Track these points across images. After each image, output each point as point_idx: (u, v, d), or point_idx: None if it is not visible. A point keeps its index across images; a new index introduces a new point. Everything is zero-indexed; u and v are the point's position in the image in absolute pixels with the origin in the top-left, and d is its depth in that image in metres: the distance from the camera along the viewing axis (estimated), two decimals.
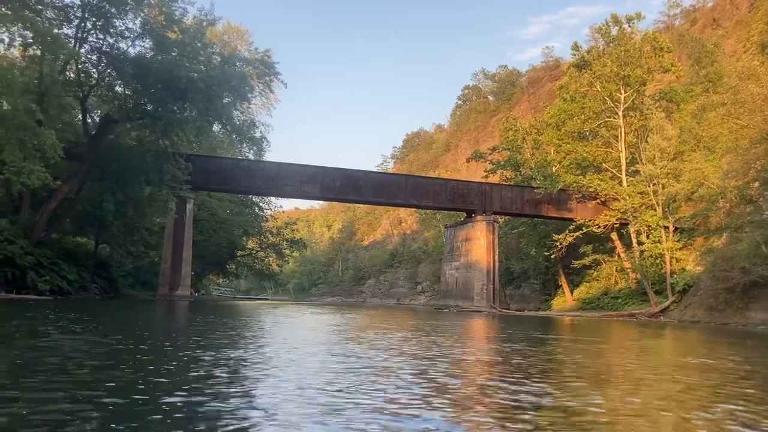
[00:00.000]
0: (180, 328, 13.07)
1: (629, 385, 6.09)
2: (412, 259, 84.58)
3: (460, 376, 6.21)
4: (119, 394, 4.29)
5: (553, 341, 13.04)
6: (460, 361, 7.77)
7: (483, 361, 7.96)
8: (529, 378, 5.98)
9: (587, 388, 5.58)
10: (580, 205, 43.33)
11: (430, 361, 7.27)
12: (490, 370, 6.95)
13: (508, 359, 8.08)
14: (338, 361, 6.98)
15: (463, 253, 45.05)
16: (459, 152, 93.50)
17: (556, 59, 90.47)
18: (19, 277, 25.87)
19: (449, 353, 8.73)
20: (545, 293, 52.76)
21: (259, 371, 5.79)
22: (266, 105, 64.12)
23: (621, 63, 39.37)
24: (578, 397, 5.01)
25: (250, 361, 6.48)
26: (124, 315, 17.08)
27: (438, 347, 9.58)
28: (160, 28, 29.36)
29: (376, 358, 7.43)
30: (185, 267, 37.49)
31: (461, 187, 45.04)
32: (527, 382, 5.68)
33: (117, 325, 12.53)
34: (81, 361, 5.97)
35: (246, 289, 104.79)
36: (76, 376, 5.01)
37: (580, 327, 21.28)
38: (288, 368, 6.18)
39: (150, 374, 5.26)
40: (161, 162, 31.16)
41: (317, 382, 5.10)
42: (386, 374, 5.93)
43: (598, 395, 5.20)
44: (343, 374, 5.77)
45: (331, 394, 4.56)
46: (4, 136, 20.24)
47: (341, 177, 41.47)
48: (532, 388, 5.28)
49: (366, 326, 16.08)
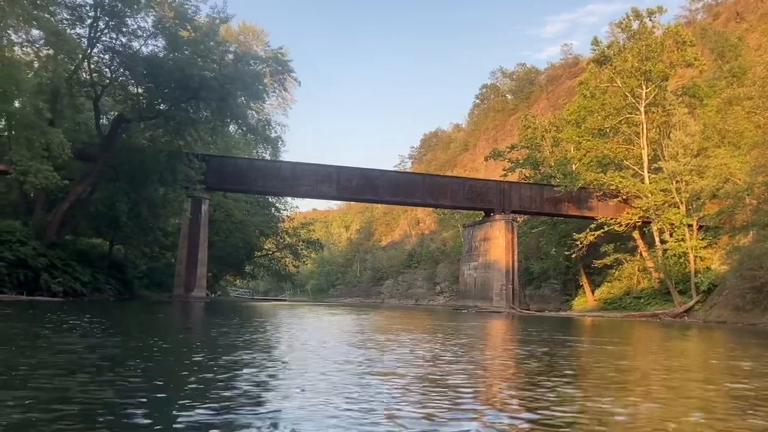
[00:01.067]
0: (192, 332, 12.64)
1: (669, 393, 5.50)
2: (431, 259, 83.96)
3: (485, 381, 5.68)
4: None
5: (576, 343, 12.43)
6: (483, 365, 7.22)
7: (507, 365, 7.40)
8: (559, 385, 5.43)
9: (625, 397, 5.01)
10: (601, 204, 42.48)
11: (450, 366, 6.73)
12: (517, 375, 6.39)
13: (534, 363, 7.51)
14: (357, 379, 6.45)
15: (482, 253, 44.35)
16: (477, 151, 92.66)
17: (575, 56, 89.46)
18: (32, 279, 25.68)
19: (471, 356, 8.18)
20: (566, 293, 51.95)
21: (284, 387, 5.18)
22: (282, 105, 63.96)
23: (642, 58, 38.53)
24: (616, 407, 4.45)
25: (274, 377, 5.79)
26: (128, 316, 16.68)
27: (459, 350, 9.03)
28: (173, 26, 29.09)
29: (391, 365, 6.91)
30: (200, 268, 37.22)
31: (479, 186, 44.36)
32: (559, 389, 5.13)
33: (121, 327, 12.11)
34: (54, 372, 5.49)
35: (265, 290, 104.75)
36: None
37: (602, 328, 20.60)
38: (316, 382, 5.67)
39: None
40: (175, 162, 30.89)
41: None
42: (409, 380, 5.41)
43: (638, 405, 4.63)
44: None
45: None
46: (12, 135, 19.96)
47: (357, 176, 40.99)
48: (564, 396, 4.77)
49: (386, 329, 15.55)
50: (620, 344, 12.74)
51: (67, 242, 30.84)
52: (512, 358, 8.50)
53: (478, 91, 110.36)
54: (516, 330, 17.11)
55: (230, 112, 29.97)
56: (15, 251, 25.21)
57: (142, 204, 31.00)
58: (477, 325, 19.51)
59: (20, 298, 22.84)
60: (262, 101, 37.98)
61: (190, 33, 29.29)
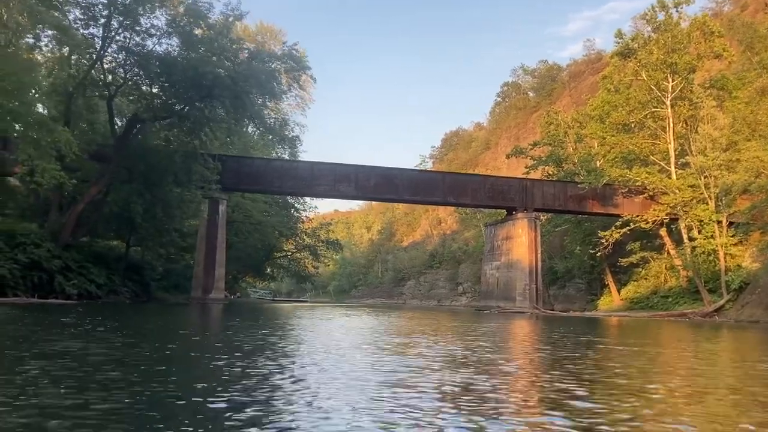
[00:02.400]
0: (208, 335, 12.06)
1: (723, 406, 4.77)
2: (453, 259, 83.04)
3: (513, 389, 5.01)
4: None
5: (605, 345, 11.66)
6: (509, 370, 6.53)
7: (534, 370, 6.70)
8: (594, 393, 4.74)
9: (673, 409, 4.30)
10: (627, 200, 41.46)
11: (477, 372, 6.05)
12: (548, 381, 5.69)
13: (564, 368, 6.79)
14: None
15: (504, 252, 43.51)
16: (499, 150, 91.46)
17: (598, 52, 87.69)
18: (47, 281, 25.46)
19: (496, 360, 7.49)
20: (591, 293, 50.87)
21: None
22: (300, 105, 63.69)
23: (668, 50, 37.40)
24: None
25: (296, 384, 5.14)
26: (134, 320, 16.17)
27: (484, 353, 8.33)
28: (187, 24, 28.72)
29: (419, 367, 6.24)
30: (219, 269, 36.85)
31: (501, 184, 43.52)
32: (597, 400, 4.44)
33: (124, 330, 11.55)
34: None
35: (288, 291, 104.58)
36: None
37: (630, 328, 19.75)
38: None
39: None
40: (190, 162, 30.53)
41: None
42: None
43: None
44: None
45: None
46: (19, 134, 19.65)
47: (376, 175, 40.37)
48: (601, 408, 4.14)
49: (408, 331, 14.89)
50: (653, 346, 11.94)
51: (82, 244, 30.61)
52: (540, 362, 7.78)
53: (500, 89, 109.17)
54: (542, 332, 16.33)
55: (245, 110, 29.52)
56: (29, 253, 25.00)
57: (157, 205, 30.67)
58: (500, 326, 18.75)
59: (32, 301, 22.56)
60: (277, 99, 37.61)
61: (204, 31, 28.91)
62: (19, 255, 24.50)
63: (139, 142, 30.31)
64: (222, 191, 36.61)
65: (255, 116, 30.97)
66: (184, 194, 31.56)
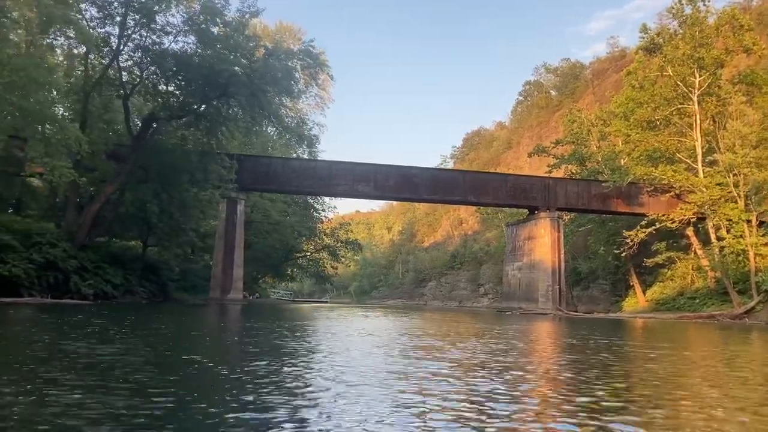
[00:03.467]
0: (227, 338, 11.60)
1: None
2: (474, 260, 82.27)
3: (537, 396, 4.47)
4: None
5: (635, 349, 11.00)
6: (533, 376, 5.97)
7: (561, 377, 6.12)
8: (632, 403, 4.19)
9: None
10: (652, 199, 40.47)
11: (499, 377, 5.49)
12: (576, 389, 5.11)
13: (593, 374, 6.20)
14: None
15: (526, 253, 42.73)
16: (521, 149, 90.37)
17: (622, 49, 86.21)
18: (62, 281, 25.24)
19: (519, 365, 6.91)
20: (615, 294, 49.84)
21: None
22: (320, 104, 63.39)
23: (695, 44, 36.35)
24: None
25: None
26: (145, 319, 15.76)
27: (507, 357, 7.76)
28: (202, 21, 28.42)
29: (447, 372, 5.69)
30: (237, 270, 36.63)
31: (522, 182, 42.75)
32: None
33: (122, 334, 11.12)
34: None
35: (309, 291, 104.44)
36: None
37: (657, 331, 19.00)
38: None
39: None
40: (206, 161, 30.27)
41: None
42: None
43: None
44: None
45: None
46: (30, 132, 19.41)
47: (395, 174, 39.83)
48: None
49: (430, 333, 14.33)
50: (686, 350, 11.26)
51: (99, 244, 30.45)
52: (567, 367, 7.17)
53: (522, 87, 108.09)
54: (566, 334, 15.66)
55: (261, 108, 29.14)
56: (45, 253, 24.79)
57: (173, 204, 30.44)
58: (522, 328, 18.10)
59: (45, 301, 22.33)
60: (294, 98, 37.20)
61: (220, 28, 28.60)
62: (34, 255, 24.29)
63: (155, 141, 30.07)
64: (240, 191, 36.41)
65: (272, 114, 30.57)
66: (200, 194, 31.29)
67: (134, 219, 31.27)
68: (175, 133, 31.38)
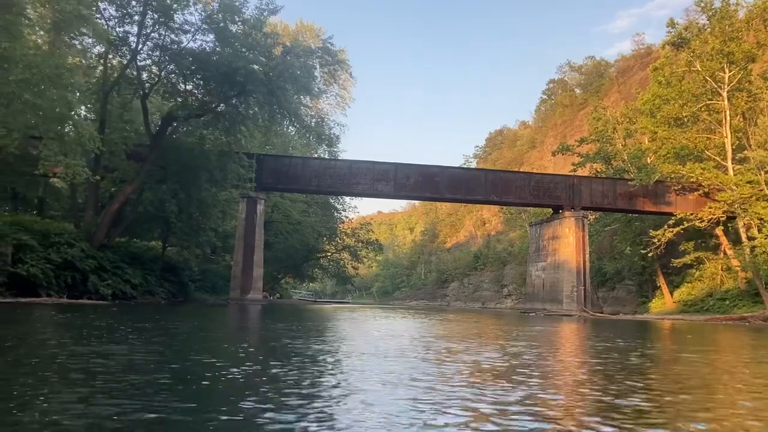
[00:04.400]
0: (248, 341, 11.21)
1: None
2: (497, 261, 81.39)
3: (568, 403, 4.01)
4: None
5: (667, 352, 10.42)
6: (562, 381, 5.48)
7: (592, 380, 5.61)
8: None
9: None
10: (680, 198, 39.52)
11: (528, 382, 5.00)
12: (607, 393, 4.61)
13: (625, 380, 5.69)
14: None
15: (550, 253, 41.95)
16: (545, 149, 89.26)
17: (648, 46, 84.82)
18: (80, 282, 25.17)
19: (548, 368, 6.41)
20: (642, 295, 48.82)
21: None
22: (341, 104, 63.11)
23: (725, 39, 35.36)
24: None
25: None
26: (162, 321, 15.43)
27: (534, 360, 7.25)
28: (221, 19, 28.22)
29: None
30: (257, 270, 36.41)
31: (546, 181, 41.96)
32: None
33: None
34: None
35: (332, 292, 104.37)
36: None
37: (685, 333, 18.26)
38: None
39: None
40: (225, 161, 30.08)
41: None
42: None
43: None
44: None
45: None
46: (43, 130, 19.24)
47: (415, 173, 39.31)
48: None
49: (453, 336, 13.84)
50: (719, 352, 10.64)
51: (118, 244, 30.42)
52: (597, 371, 6.65)
53: (545, 86, 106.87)
54: (592, 336, 15.06)
55: (280, 106, 28.83)
56: (63, 253, 24.72)
57: (192, 204, 30.28)
58: (547, 330, 17.51)
59: (61, 301, 22.21)
60: (313, 96, 36.85)
61: (238, 26, 28.37)
62: (52, 255, 24.23)
63: (174, 140, 29.96)
64: (260, 191, 36.22)
65: (291, 113, 30.23)
66: (219, 193, 31.09)
67: (154, 219, 31.18)
68: (194, 133, 31.25)
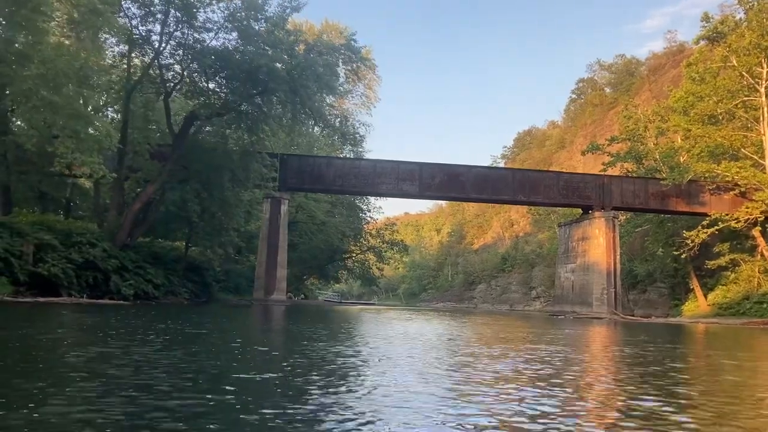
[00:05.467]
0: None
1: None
2: (526, 262, 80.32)
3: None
4: None
5: (703, 358, 9.70)
6: (596, 391, 4.88)
7: (628, 391, 5.00)
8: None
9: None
10: (715, 198, 38.32)
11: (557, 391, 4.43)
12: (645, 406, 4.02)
13: (663, 389, 5.06)
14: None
15: (580, 254, 40.97)
16: (574, 149, 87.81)
17: (680, 44, 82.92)
18: (102, 281, 24.98)
19: (580, 376, 5.81)
20: (674, 298, 47.44)
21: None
22: (366, 104, 62.66)
23: (763, 32, 34.14)
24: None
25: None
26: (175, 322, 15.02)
27: (565, 367, 6.65)
28: (244, 17, 27.91)
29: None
30: (280, 270, 36.11)
31: (576, 180, 41.00)
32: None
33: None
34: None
35: (358, 293, 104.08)
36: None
37: (722, 337, 17.42)
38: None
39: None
40: (248, 160, 29.80)
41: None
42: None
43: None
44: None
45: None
46: (58, 126, 19.01)
47: (441, 173, 38.66)
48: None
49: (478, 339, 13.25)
50: (761, 359, 9.88)
51: (141, 244, 30.26)
52: (635, 380, 6.01)
53: (575, 85, 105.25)
54: (626, 341, 14.33)
55: (303, 105, 28.40)
56: (84, 253, 24.53)
57: (214, 204, 30.02)
58: (577, 333, 16.80)
59: (80, 301, 22.00)
60: (337, 95, 36.45)
61: (261, 23, 28.04)
62: (73, 254, 24.06)
63: (196, 140, 29.75)
64: (284, 191, 35.93)
65: (314, 112, 29.79)
66: (241, 193, 30.80)
67: (177, 219, 30.94)
68: (217, 132, 31.03)
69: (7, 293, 20.14)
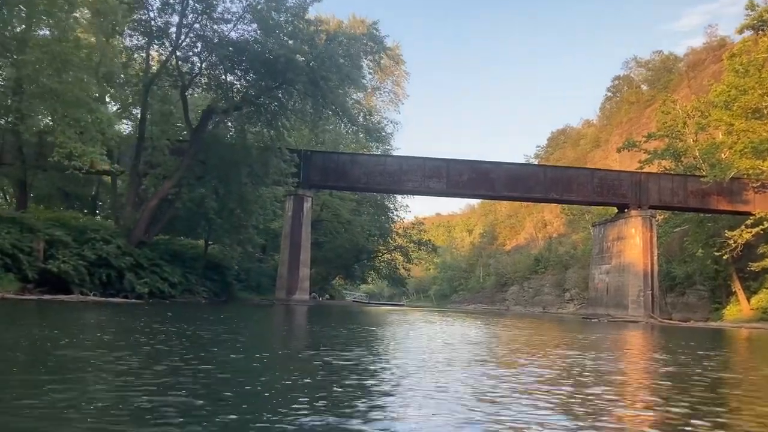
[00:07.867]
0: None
1: None
2: (559, 264, 78.34)
3: None
4: None
5: (752, 368, 8.40)
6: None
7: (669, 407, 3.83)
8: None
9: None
10: (759, 196, 36.39)
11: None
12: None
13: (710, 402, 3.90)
14: None
15: (615, 255, 39.27)
16: (609, 147, 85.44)
17: (721, 38, 79.98)
18: (116, 279, 24.32)
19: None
20: (715, 301, 45.40)
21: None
22: (394, 101, 61.63)
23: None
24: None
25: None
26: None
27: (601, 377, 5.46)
28: (264, 8, 27.03)
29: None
30: (303, 269, 35.19)
31: (611, 178, 39.31)
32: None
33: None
34: None
35: (388, 294, 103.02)
36: None
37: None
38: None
39: None
40: (267, 155, 28.92)
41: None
42: None
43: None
44: None
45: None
46: (59, 114, 18.27)
47: (468, 170, 37.33)
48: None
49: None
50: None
51: (160, 242, 29.62)
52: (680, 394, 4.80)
53: (610, 83, 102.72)
54: (666, 347, 13.00)
55: (324, 97, 27.37)
56: (97, 250, 23.89)
57: (232, 200, 29.19)
58: (613, 338, 15.47)
59: (87, 299, 21.29)
60: (359, 87, 35.36)
61: (280, 14, 27.13)
62: (86, 251, 23.45)
63: (214, 135, 28.99)
64: (307, 188, 35.05)
65: (337, 105, 28.72)
66: (260, 189, 29.94)
67: (195, 216, 30.15)
68: (235, 126, 30.22)
69: (12, 290, 19.49)
